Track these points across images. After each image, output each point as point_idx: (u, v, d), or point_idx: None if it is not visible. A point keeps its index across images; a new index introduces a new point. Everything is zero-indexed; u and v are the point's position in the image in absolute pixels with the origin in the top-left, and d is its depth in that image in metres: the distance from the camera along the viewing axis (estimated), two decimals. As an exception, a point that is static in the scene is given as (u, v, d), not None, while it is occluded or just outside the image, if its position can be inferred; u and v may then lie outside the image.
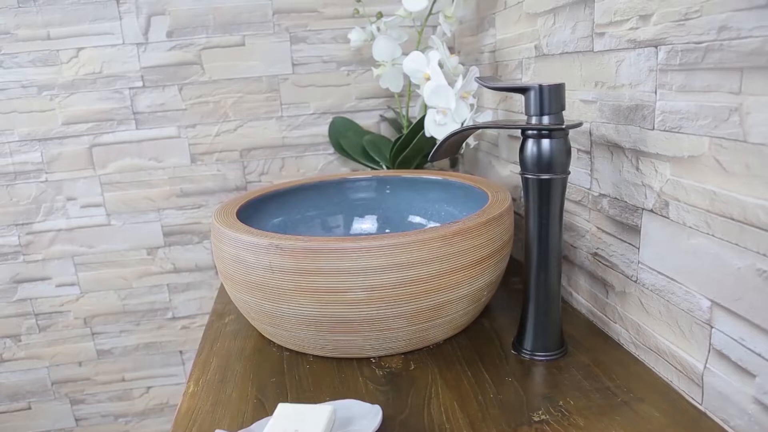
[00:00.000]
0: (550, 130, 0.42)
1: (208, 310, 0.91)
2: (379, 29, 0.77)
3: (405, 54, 0.78)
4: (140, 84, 0.81)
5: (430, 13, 0.72)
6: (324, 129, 0.88)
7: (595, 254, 0.51)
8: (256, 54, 0.83)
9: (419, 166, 0.79)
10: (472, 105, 0.65)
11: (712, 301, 0.36)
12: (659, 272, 0.42)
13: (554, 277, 0.45)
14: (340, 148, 0.86)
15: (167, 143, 0.84)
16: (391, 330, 0.45)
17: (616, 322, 0.48)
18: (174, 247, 0.88)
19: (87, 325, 0.89)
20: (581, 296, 0.54)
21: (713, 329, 0.37)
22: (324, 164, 0.90)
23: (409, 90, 0.79)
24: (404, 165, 0.77)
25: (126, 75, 0.80)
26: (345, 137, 0.85)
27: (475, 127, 0.46)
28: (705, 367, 0.38)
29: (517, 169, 0.67)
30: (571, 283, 0.56)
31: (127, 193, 0.85)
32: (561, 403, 0.40)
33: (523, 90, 0.43)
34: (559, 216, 0.44)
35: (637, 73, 0.42)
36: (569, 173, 0.43)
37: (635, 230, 0.44)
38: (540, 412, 0.39)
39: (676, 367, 0.41)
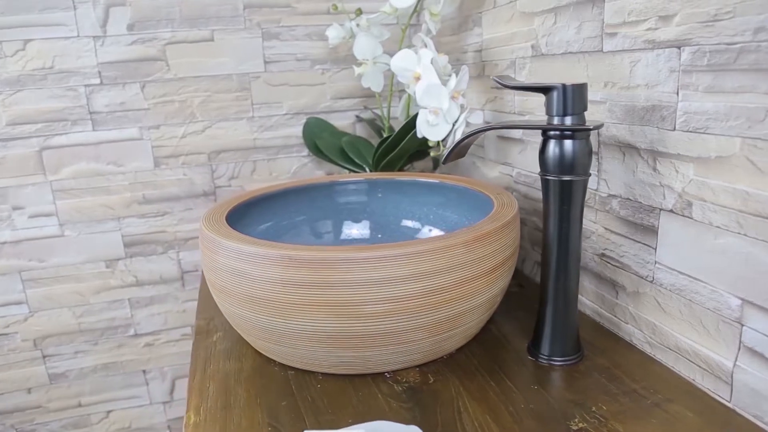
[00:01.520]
0: (574, 131, 0.41)
1: (174, 325, 0.85)
2: (358, 26, 0.74)
3: (387, 53, 0.76)
4: (97, 81, 0.74)
5: (415, 11, 0.70)
6: (297, 130, 0.84)
7: (603, 255, 0.51)
8: (225, 50, 0.78)
9: (402, 169, 0.77)
10: (462, 105, 0.63)
11: (742, 299, 0.37)
12: (680, 272, 0.42)
13: (573, 281, 0.45)
14: (316, 150, 0.82)
15: (128, 146, 0.77)
16: (410, 343, 0.43)
17: (628, 323, 0.48)
18: (136, 258, 0.81)
19: (37, 348, 0.80)
20: (586, 298, 0.54)
21: (744, 327, 0.37)
22: (297, 167, 0.86)
23: (391, 89, 0.76)
24: (388, 167, 0.74)
25: (81, 71, 0.73)
26: (321, 138, 0.82)
27: (491, 128, 0.44)
28: (735, 364, 0.38)
29: (507, 170, 0.66)
30: (573, 283, 0.56)
31: (82, 201, 0.77)
32: (594, 409, 0.39)
33: (545, 90, 0.42)
34: (580, 218, 0.43)
35: (656, 73, 0.42)
36: (590, 175, 0.42)
37: (651, 230, 0.44)
38: (576, 420, 0.38)
39: (699, 366, 0.41)
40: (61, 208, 0.76)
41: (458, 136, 0.63)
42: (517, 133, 0.63)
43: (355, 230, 0.64)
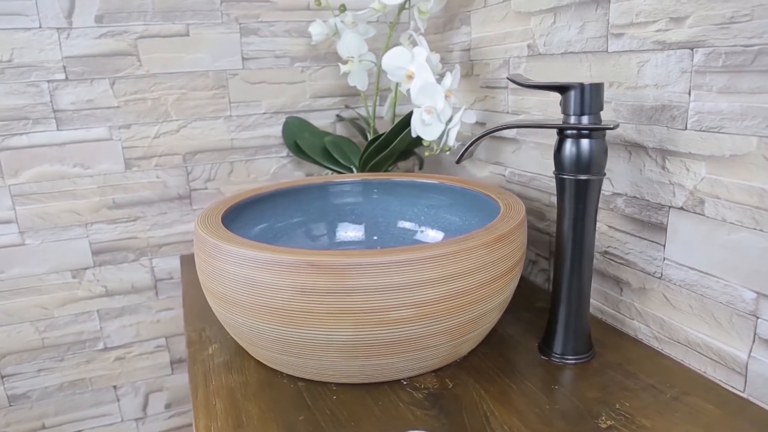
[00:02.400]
0: (591, 130, 0.41)
1: (147, 336, 0.80)
2: (343, 23, 0.72)
3: (371, 50, 0.75)
4: (62, 76, 0.68)
5: (403, 8, 0.69)
6: (276, 130, 0.82)
7: (606, 253, 0.51)
8: (201, 46, 0.74)
9: (387, 169, 0.76)
10: (453, 104, 0.63)
11: (757, 293, 0.38)
12: (690, 267, 0.43)
13: (587, 280, 0.45)
14: (298, 150, 0.80)
15: (96, 146, 0.72)
16: (429, 348, 0.42)
17: (633, 319, 0.49)
18: (105, 267, 0.76)
19: (-6, 368, 0.73)
20: (587, 294, 0.55)
21: (759, 319, 0.38)
22: (276, 168, 0.83)
23: (377, 88, 0.75)
24: (376, 168, 0.73)
25: (44, 65, 0.67)
26: (302, 138, 0.79)
27: (508, 126, 0.44)
28: (750, 356, 0.39)
29: (499, 170, 0.66)
30: (573, 281, 0.57)
31: (46, 206, 0.71)
32: (617, 406, 0.40)
33: (562, 89, 0.42)
34: (594, 218, 0.43)
35: (666, 74, 0.42)
36: (605, 174, 0.43)
37: (660, 228, 0.45)
38: (603, 418, 0.38)
39: (711, 358, 0.42)
40: (22, 214, 0.70)
41: (452, 135, 0.63)
42: (510, 133, 0.64)
43: (351, 232, 0.62)
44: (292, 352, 0.42)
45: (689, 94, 0.41)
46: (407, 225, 0.62)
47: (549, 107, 0.56)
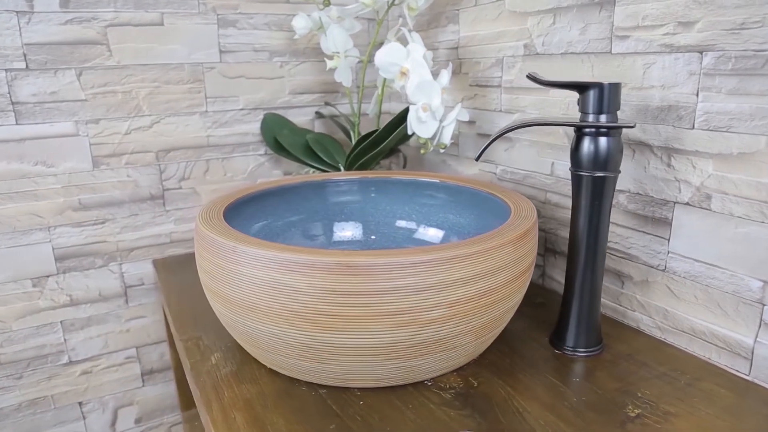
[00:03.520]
0: (609, 128, 0.42)
1: (116, 347, 0.75)
2: (329, 17, 0.71)
3: (356, 46, 0.73)
4: (22, 65, 0.62)
5: (392, 4, 0.68)
6: (254, 127, 0.78)
7: (607, 248, 0.53)
8: (176, 36, 0.70)
9: (372, 168, 0.75)
10: (444, 102, 0.63)
11: (764, 281, 0.41)
12: (695, 260, 0.45)
13: (600, 274, 0.46)
14: (278, 147, 0.77)
15: (61, 143, 0.66)
16: (457, 348, 0.41)
17: (635, 311, 0.51)
18: (70, 273, 0.70)
19: (-59, 390, 0.66)
20: (585, 288, 0.56)
21: (765, 307, 0.41)
22: (254, 166, 0.80)
23: (362, 85, 0.74)
24: (365, 166, 0.72)
25: (1, 52, 0.61)
26: (281, 135, 0.77)
27: (526, 125, 0.44)
28: (756, 341, 0.42)
29: (490, 167, 0.67)
30: (569, 276, 0.58)
31: (2, 209, 0.64)
32: (639, 395, 0.41)
33: (581, 88, 0.43)
34: (609, 213, 0.45)
35: (673, 76, 0.44)
36: (620, 172, 0.44)
37: (664, 222, 0.47)
38: (630, 408, 0.40)
39: (716, 345, 0.45)
40: (-25, 218, 0.63)
41: (448, 133, 0.63)
42: (502, 131, 0.64)
43: (348, 231, 0.61)
44: (316, 358, 0.40)
45: (697, 95, 0.43)
46: (405, 224, 0.61)
47: (547, 106, 0.57)
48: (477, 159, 0.45)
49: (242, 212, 0.54)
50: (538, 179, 0.60)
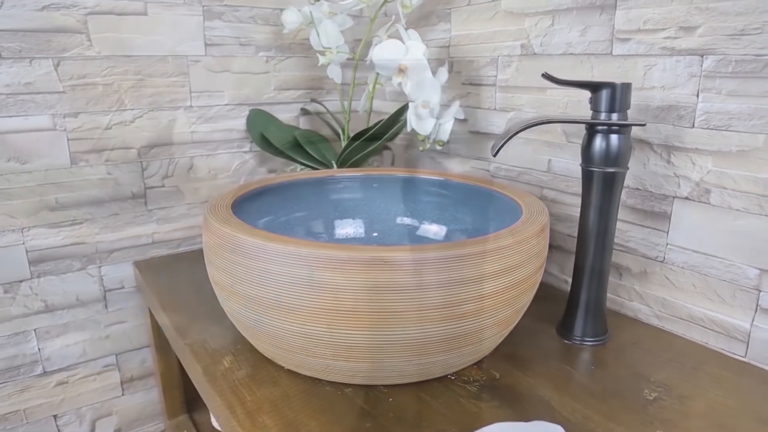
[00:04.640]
0: (620, 126, 0.44)
1: (95, 355, 0.71)
2: (321, 12, 0.70)
3: (347, 43, 0.73)
4: (-5, 54, 0.57)
5: (386, 1, 0.68)
6: (239, 123, 0.76)
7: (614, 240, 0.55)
8: (161, 27, 0.67)
9: (363, 166, 0.74)
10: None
11: (760, 269, 0.44)
12: (694, 251, 0.48)
13: (607, 266, 0.48)
14: (265, 144, 0.75)
15: (36, 137, 0.62)
16: (482, 342, 0.42)
17: (633, 301, 0.54)
18: (45, 278, 0.65)
19: None
20: (582, 280, 0.59)
21: (761, 292, 0.44)
22: (239, 164, 0.78)
23: (354, 81, 0.73)
24: (357, 164, 0.72)
25: (-27, 39, 0.56)
26: (268, 131, 0.75)
27: (542, 122, 0.46)
28: (752, 324, 0.45)
29: (482, 165, 0.68)
30: (565, 270, 0.60)
31: (-29, 209, 0.59)
32: (652, 379, 0.43)
33: (594, 87, 0.44)
34: (617, 207, 0.47)
35: (673, 77, 0.47)
36: (629, 168, 0.46)
37: (663, 216, 0.50)
38: (647, 392, 0.42)
39: (714, 330, 0.48)
40: (-60, 219, 0.58)
41: (446, 130, 0.64)
42: (496, 129, 0.66)
43: (351, 228, 0.60)
44: (350, 356, 0.40)
45: (697, 96, 0.46)
46: (407, 220, 0.61)
47: (544, 105, 0.59)
48: (494, 155, 0.46)
49: (246, 209, 0.52)
50: (534, 176, 0.62)
